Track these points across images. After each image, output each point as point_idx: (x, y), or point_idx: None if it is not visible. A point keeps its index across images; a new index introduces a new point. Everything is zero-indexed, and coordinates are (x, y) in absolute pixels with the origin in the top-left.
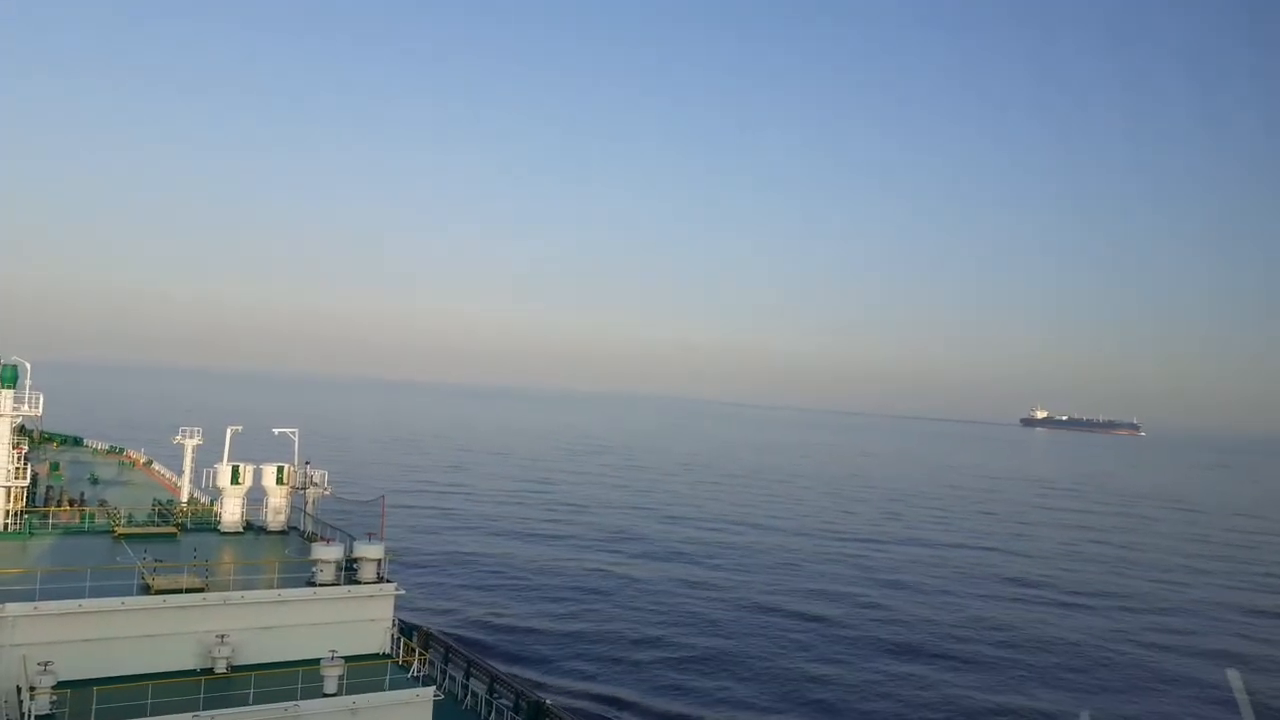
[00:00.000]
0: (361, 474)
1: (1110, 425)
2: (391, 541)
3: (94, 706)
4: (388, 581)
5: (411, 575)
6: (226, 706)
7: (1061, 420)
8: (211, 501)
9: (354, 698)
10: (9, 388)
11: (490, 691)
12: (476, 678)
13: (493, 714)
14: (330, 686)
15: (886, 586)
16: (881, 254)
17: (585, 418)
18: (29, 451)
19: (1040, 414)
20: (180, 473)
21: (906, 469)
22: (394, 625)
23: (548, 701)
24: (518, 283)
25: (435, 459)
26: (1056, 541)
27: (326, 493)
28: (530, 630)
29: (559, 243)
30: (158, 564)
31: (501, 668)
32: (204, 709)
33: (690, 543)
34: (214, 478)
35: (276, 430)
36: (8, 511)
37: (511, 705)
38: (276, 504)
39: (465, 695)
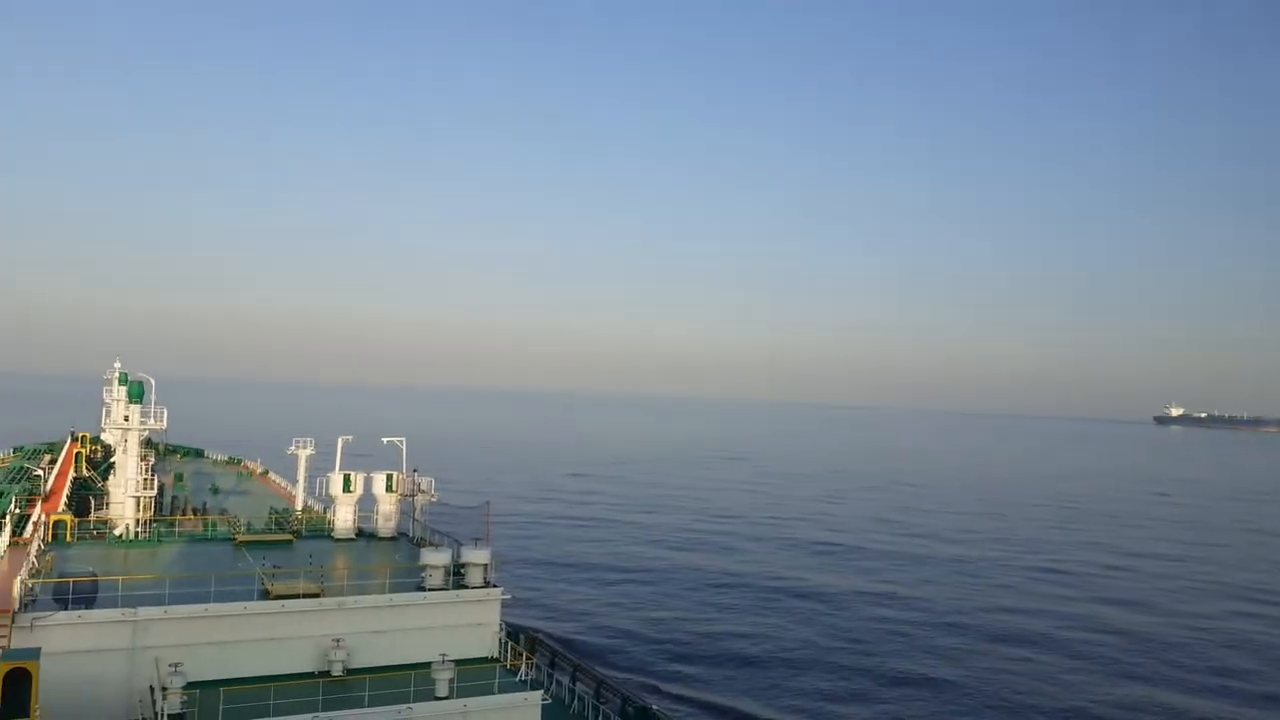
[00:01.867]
0: (466, 480)
1: (1256, 422)
2: (497, 546)
3: (221, 706)
4: (494, 586)
5: (517, 580)
6: (344, 708)
7: (1199, 418)
8: (324, 509)
9: (465, 701)
10: (136, 403)
11: (597, 696)
12: (583, 681)
13: (599, 718)
14: (441, 689)
15: (1108, 604)
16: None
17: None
18: (156, 463)
19: (1175, 411)
20: (295, 482)
21: (1045, 470)
22: (501, 629)
23: (654, 707)
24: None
25: (547, 467)
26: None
27: (434, 499)
28: (638, 635)
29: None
30: (276, 570)
31: (608, 672)
32: (323, 710)
33: (828, 553)
34: (326, 486)
35: (385, 439)
36: (138, 520)
37: (618, 710)
38: (386, 511)
39: (572, 699)
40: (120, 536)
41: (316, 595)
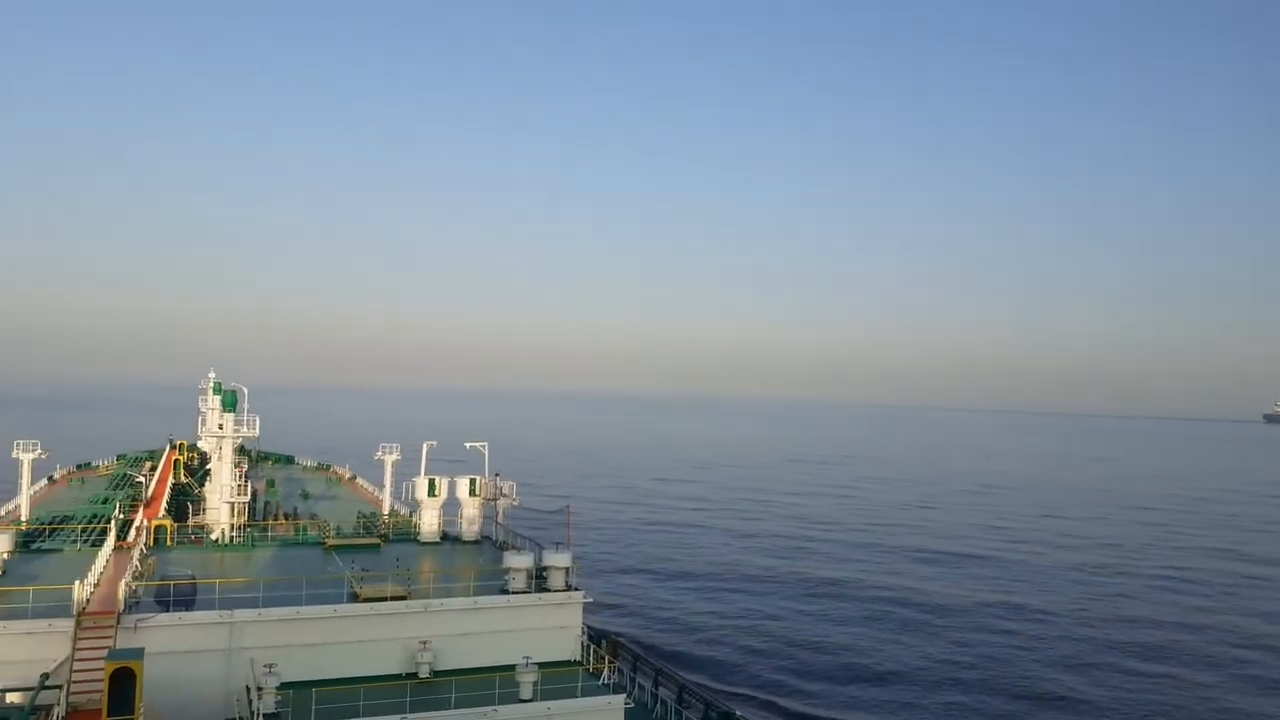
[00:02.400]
0: (546, 484)
1: None
2: (578, 550)
3: (313, 707)
4: (576, 590)
5: (600, 584)
6: (431, 710)
7: None
8: (410, 513)
9: (549, 703)
10: (230, 411)
11: (679, 700)
12: (665, 686)
13: None
14: (526, 692)
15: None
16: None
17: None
18: (249, 470)
19: None
20: (381, 486)
21: (1147, 470)
22: (583, 632)
23: (738, 713)
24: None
25: (628, 470)
26: None
27: (515, 503)
28: (723, 641)
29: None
30: (364, 573)
31: (691, 676)
32: (410, 711)
33: (932, 560)
34: (412, 490)
35: (468, 444)
36: (233, 525)
37: (701, 715)
38: (470, 514)
39: (655, 704)
40: (217, 541)
41: (404, 598)
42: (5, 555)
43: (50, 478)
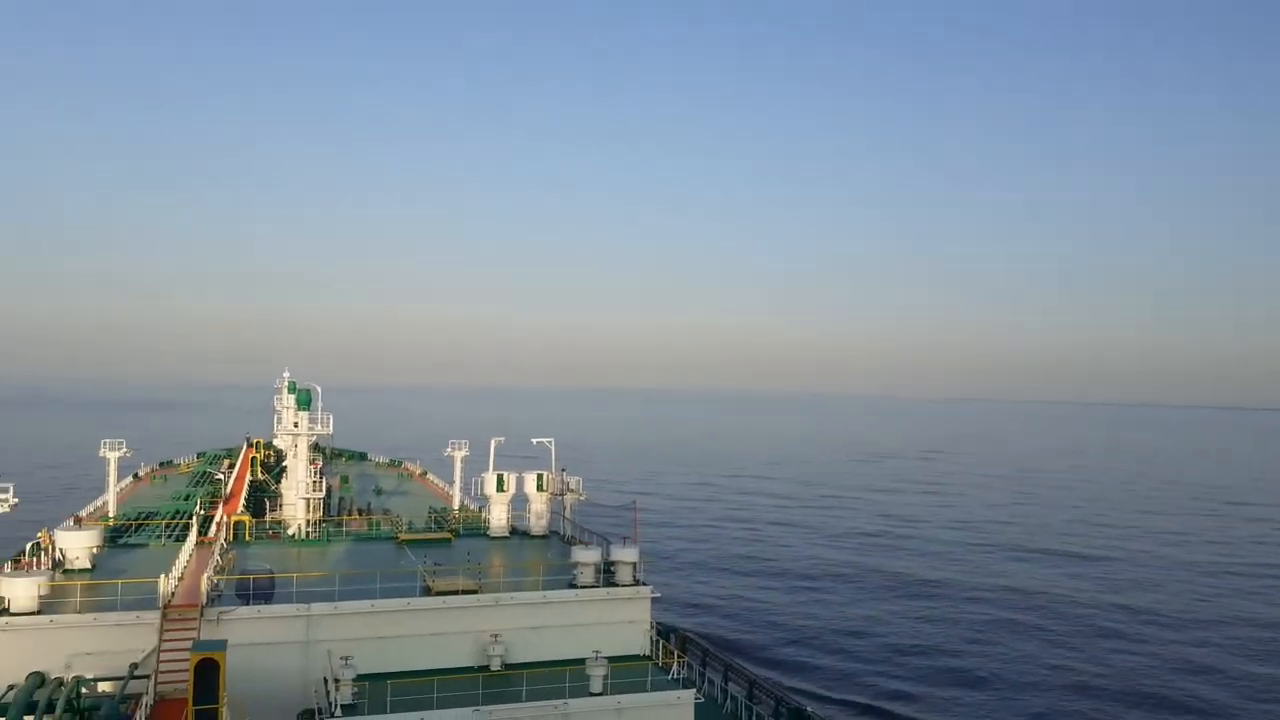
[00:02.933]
0: (613, 479)
1: None
2: (648, 545)
3: (389, 699)
4: (644, 584)
5: (667, 578)
6: (503, 702)
7: None
8: (479, 508)
9: (619, 697)
10: (304, 410)
11: (749, 696)
12: (735, 681)
13: (753, 719)
14: (596, 686)
15: None
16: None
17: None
18: (323, 466)
19: None
20: (451, 482)
21: (1244, 463)
22: (652, 627)
23: (809, 709)
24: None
25: (692, 465)
26: None
27: (582, 498)
28: (796, 638)
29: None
30: (436, 567)
31: (761, 672)
32: (483, 704)
33: (1026, 558)
34: (481, 486)
35: (535, 440)
36: (309, 520)
37: (772, 710)
38: (538, 509)
39: (725, 699)
40: (293, 536)
41: (475, 592)
42: (95, 550)
43: (135, 475)
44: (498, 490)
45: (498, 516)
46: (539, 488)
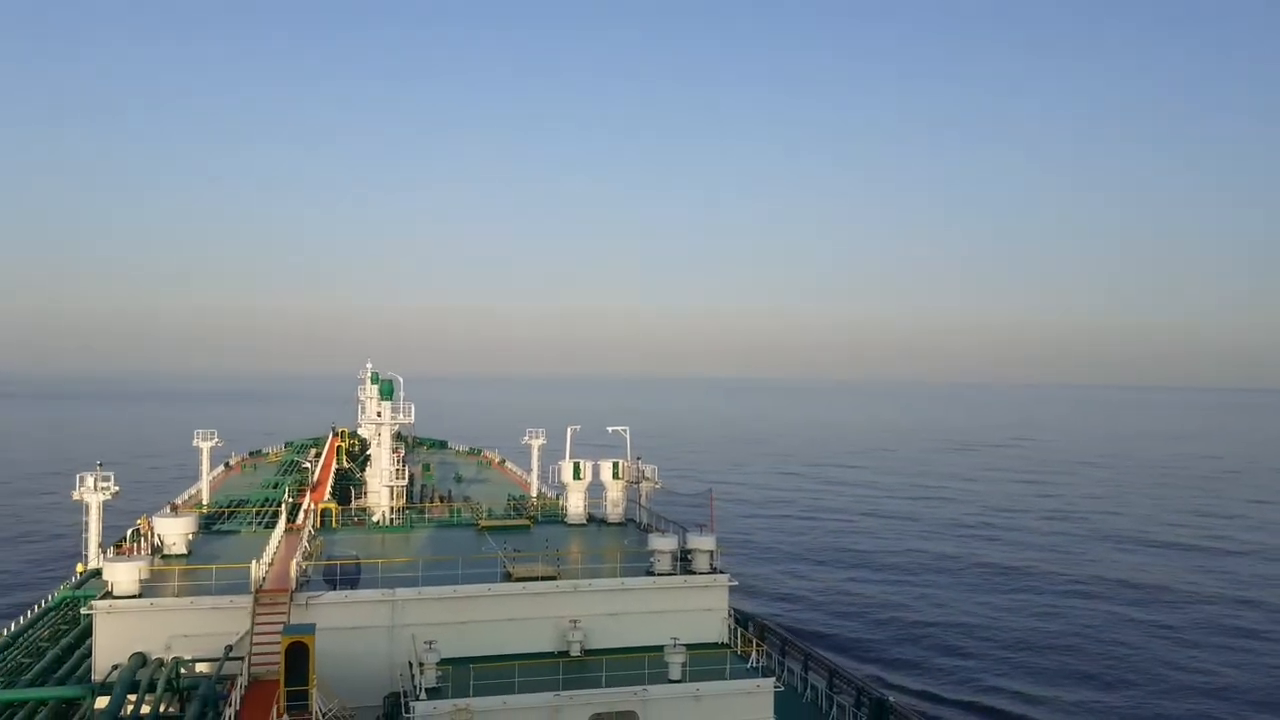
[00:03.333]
0: (688, 468)
1: None
2: (724, 534)
3: (472, 682)
4: (721, 572)
5: (747, 567)
6: (583, 688)
7: None
8: (557, 496)
9: (698, 685)
10: (387, 400)
11: (830, 685)
12: (815, 671)
13: (833, 709)
14: (675, 673)
15: None
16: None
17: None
18: (405, 455)
19: None
20: (529, 470)
21: None
22: (729, 615)
23: (891, 699)
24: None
25: (773, 455)
26: None
27: (658, 486)
28: (880, 628)
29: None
30: (516, 554)
31: (842, 661)
32: (563, 689)
33: (1137, 549)
34: (558, 474)
35: (610, 428)
36: (392, 507)
37: (853, 701)
38: (614, 497)
39: (805, 688)
40: (377, 522)
41: (554, 578)
42: (190, 536)
43: (226, 464)
44: (574, 478)
45: (575, 504)
46: (615, 476)
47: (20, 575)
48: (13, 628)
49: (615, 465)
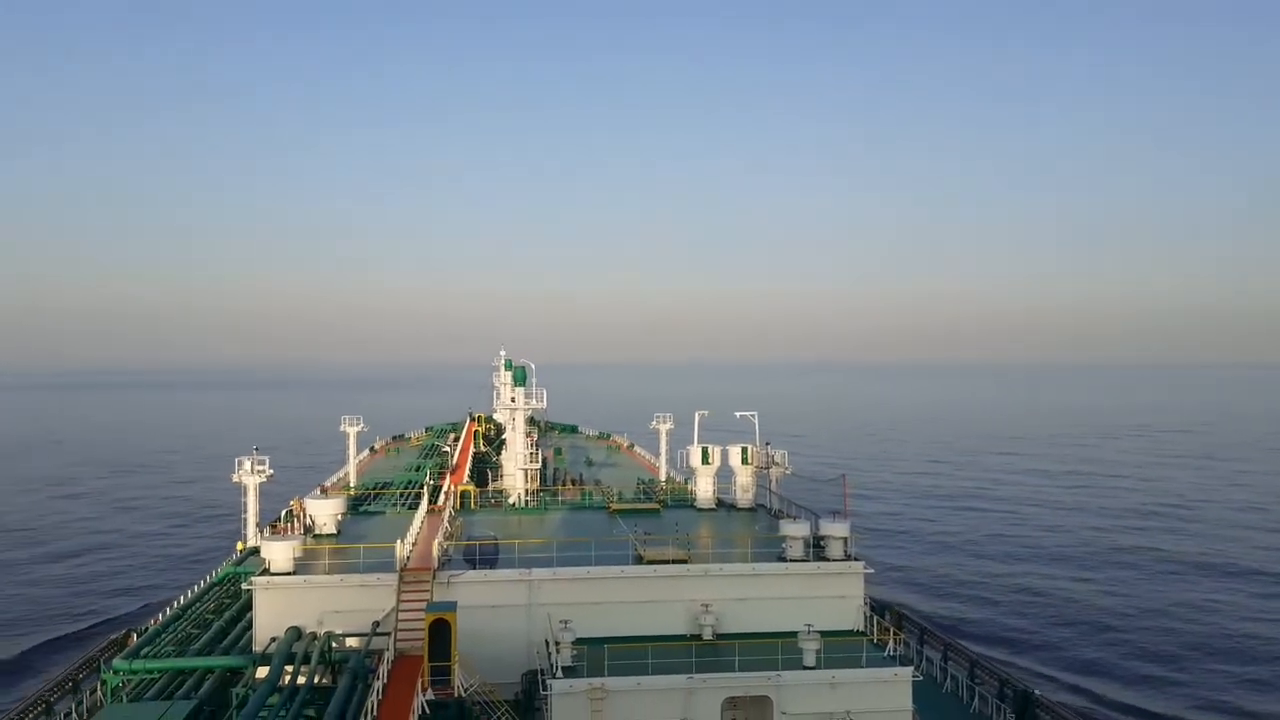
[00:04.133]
0: (819, 454)
1: None
2: (857, 520)
3: (606, 662)
4: (856, 559)
5: (881, 554)
6: (716, 671)
7: None
8: (685, 480)
9: (833, 672)
10: (520, 386)
11: (971, 676)
12: (955, 661)
13: (975, 700)
14: (809, 659)
15: None
16: None
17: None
18: (538, 439)
19: None
20: (657, 454)
21: None
22: (865, 603)
23: (1037, 692)
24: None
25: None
26: None
27: (788, 472)
28: (1025, 620)
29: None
30: (647, 536)
31: (983, 651)
32: (696, 671)
33: None
34: (686, 458)
35: (738, 413)
36: (526, 490)
37: (995, 692)
38: (744, 482)
39: (944, 678)
40: (513, 504)
41: (685, 561)
42: (339, 517)
43: (371, 448)
44: (703, 463)
45: (704, 489)
46: (744, 461)
47: (192, 551)
48: (181, 601)
49: (744, 450)
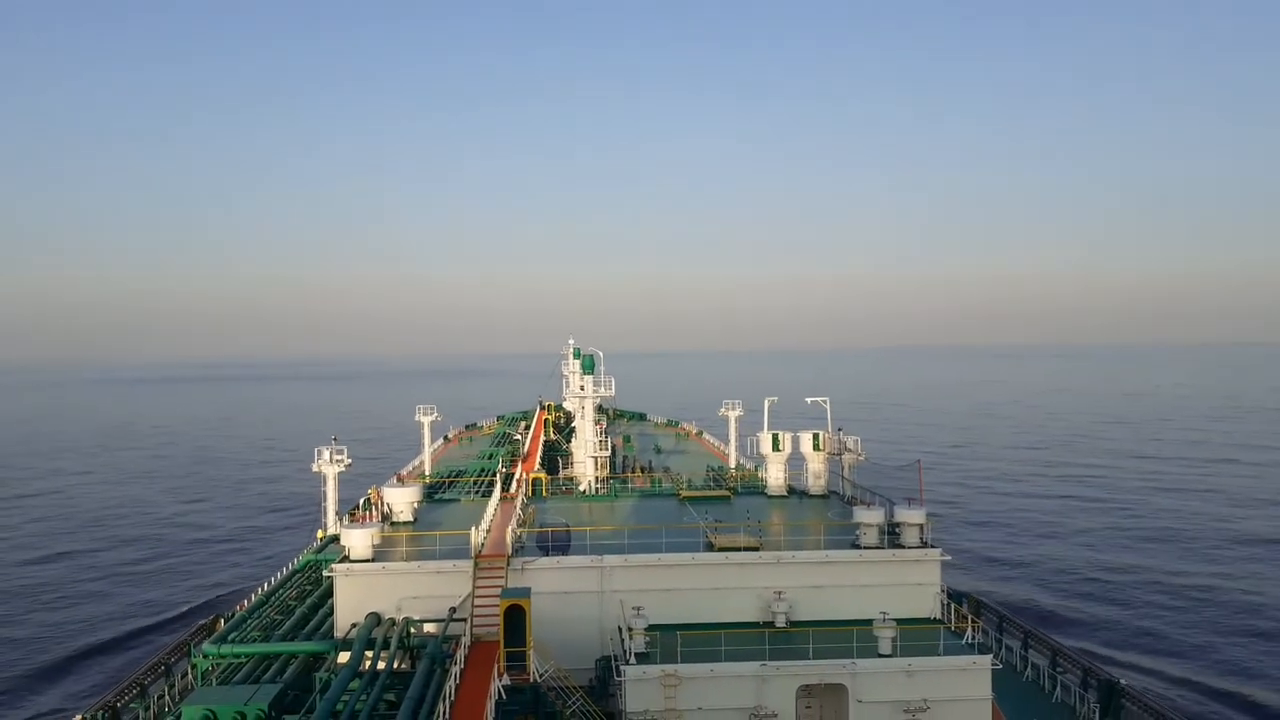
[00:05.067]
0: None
1: None
2: (933, 507)
3: (679, 649)
4: (932, 547)
5: (959, 541)
6: (790, 659)
7: None
8: (755, 467)
9: (909, 660)
10: (589, 374)
11: (1053, 665)
12: (1036, 649)
13: (1057, 689)
14: (885, 647)
15: None
16: None
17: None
18: (607, 427)
19: None
20: (727, 441)
21: None
22: (942, 590)
23: (1123, 682)
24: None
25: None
26: None
27: (861, 458)
28: (1113, 608)
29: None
30: (718, 524)
31: (1066, 641)
32: (770, 659)
33: None
34: (756, 445)
35: (809, 399)
36: (596, 477)
37: (1079, 681)
38: (816, 469)
39: (1024, 667)
40: (584, 491)
41: (756, 549)
42: (415, 505)
43: (445, 437)
44: (773, 450)
45: (775, 475)
46: (815, 447)
47: (275, 538)
48: (265, 588)
49: (816, 437)
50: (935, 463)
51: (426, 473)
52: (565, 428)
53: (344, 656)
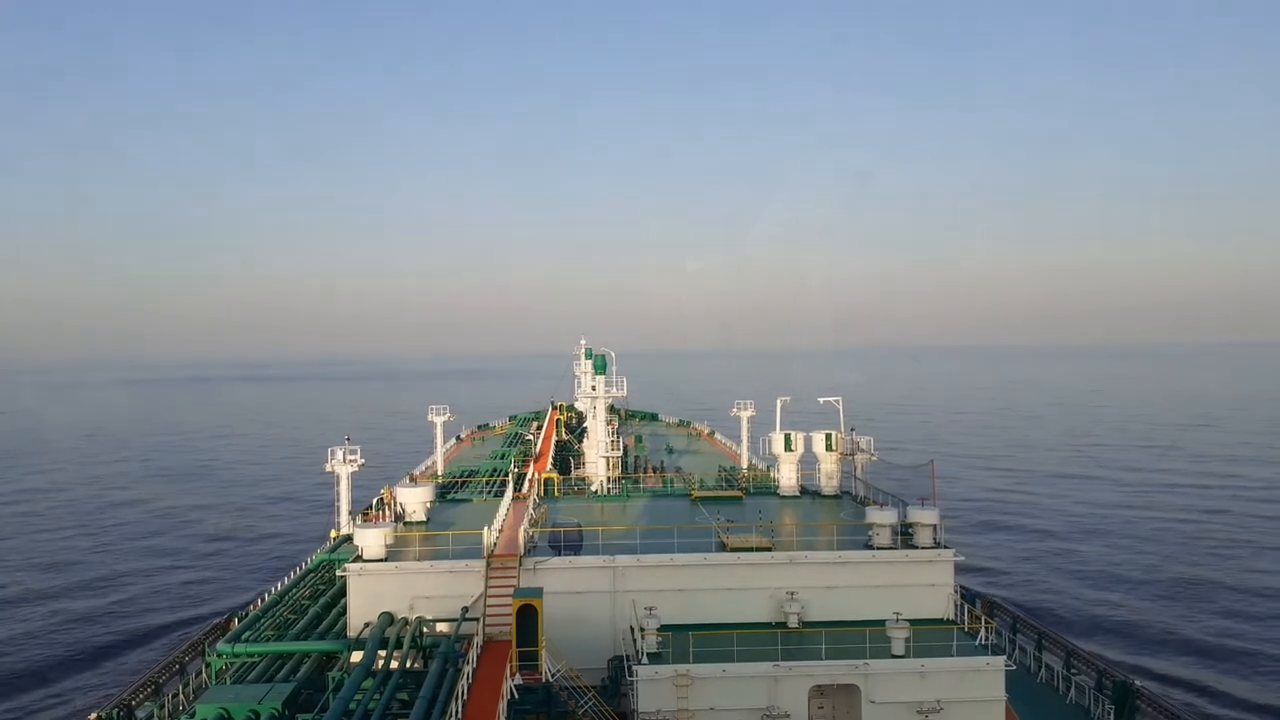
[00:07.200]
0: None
1: None
2: (946, 506)
3: (691, 649)
4: (945, 547)
5: (971, 542)
6: (802, 659)
7: None
8: (767, 467)
9: (923, 661)
10: (601, 374)
11: (1067, 666)
12: (1049, 651)
13: (1071, 690)
14: (898, 648)
15: None
16: None
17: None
18: (619, 426)
19: None
20: (738, 441)
21: None
22: (955, 591)
23: (1138, 684)
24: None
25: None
26: None
27: (874, 458)
28: (1128, 611)
29: None
30: (730, 524)
31: (1080, 642)
32: (782, 659)
33: None
34: (768, 445)
35: (821, 399)
36: (608, 477)
37: (1093, 684)
38: (828, 469)
39: (1038, 668)
40: (596, 491)
41: (768, 549)
42: (428, 505)
43: (458, 437)
44: (785, 450)
45: (787, 476)
46: (828, 448)
47: (289, 538)
48: (279, 587)
49: (828, 437)
50: (961, 465)
51: (439, 473)
52: (577, 428)
53: (357, 656)
